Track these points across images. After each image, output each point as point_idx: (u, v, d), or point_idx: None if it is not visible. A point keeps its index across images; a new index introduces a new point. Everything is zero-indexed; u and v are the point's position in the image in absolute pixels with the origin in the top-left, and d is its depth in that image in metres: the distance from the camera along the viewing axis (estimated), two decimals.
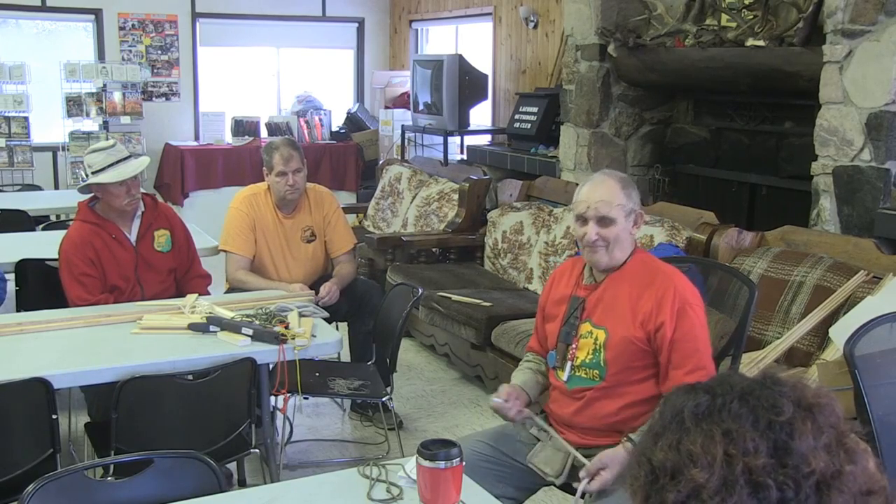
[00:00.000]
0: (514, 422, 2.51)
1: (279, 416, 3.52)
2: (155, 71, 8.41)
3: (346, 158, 8.68)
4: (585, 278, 2.54)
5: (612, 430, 2.43)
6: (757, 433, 0.94)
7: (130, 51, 8.28)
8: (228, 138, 8.47)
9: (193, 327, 3.07)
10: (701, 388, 1.01)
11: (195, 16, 8.51)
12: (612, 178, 2.46)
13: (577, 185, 5.32)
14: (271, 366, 3.11)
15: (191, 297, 3.37)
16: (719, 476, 0.93)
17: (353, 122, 8.91)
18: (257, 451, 3.13)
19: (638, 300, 2.41)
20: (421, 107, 7.41)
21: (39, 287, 3.80)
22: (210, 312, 3.18)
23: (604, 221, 2.40)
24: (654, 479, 0.97)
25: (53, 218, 5.56)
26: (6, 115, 7.67)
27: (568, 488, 2.55)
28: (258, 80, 9.07)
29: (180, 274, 3.72)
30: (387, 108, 8.45)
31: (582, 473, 2.30)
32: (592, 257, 2.47)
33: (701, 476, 0.93)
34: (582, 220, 2.45)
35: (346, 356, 4.18)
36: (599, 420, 2.44)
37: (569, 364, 2.49)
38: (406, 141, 7.80)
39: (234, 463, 3.26)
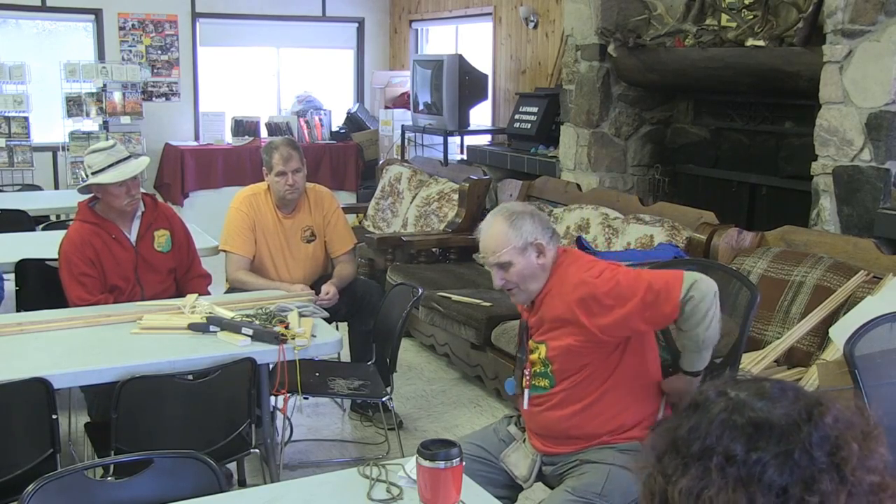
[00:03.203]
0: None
1: (279, 416, 3.52)
2: (155, 71, 8.41)
3: (346, 158, 8.68)
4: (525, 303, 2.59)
5: (566, 437, 2.47)
6: None
7: (130, 51, 8.28)
8: (228, 138, 8.47)
9: (193, 327, 3.07)
10: (740, 419, 0.94)
11: (195, 16, 8.51)
12: (498, 220, 2.44)
13: (577, 185, 5.40)
14: (271, 366, 3.11)
15: (191, 297, 3.37)
16: None
17: (353, 122, 8.91)
18: (257, 451, 3.13)
19: (565, 311, 2.41)
20: (421, 107, 7.41)
21: (39, 287, 3.80)
22: (210, 312, 3.18)
23: (502, 267, 2.42)
24: None
25: (53, 218, 5.56)
26: (6, 115, 7.67)
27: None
28: (258, 80, 9.07)
29: (180, 274, 3.72)
30: (387, 108, 8.45)
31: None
32: (512, 299, 2.54)
33: None
34: (488, 267, 2.49)
35: (346, 356, 4.18)
36: (551, 427, 2.48)
37: (526, 392, 2.52)
38: (406, 141, 7.80)
39: (234, 463, 3.26)
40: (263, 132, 8.45)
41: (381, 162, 7.50)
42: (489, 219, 2.48)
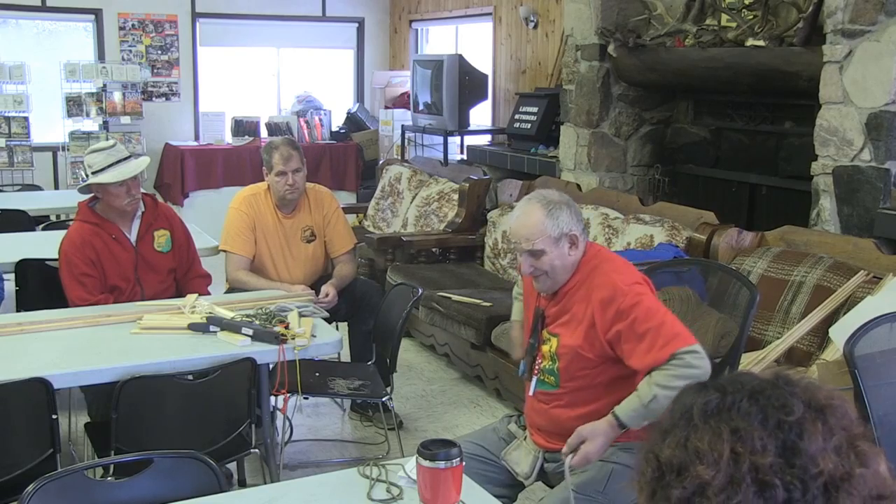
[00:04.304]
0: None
1: (279, 416, 3.52)
2: (155, 71, 8.41)
3: (346, 158, 8.68)
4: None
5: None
6: (765, 432, 0.94)
7: (130, 51, 8.29)
8: (228, 138, 8.47)
9: (193, 327, 3.07)
10: (711, 386, 1.01)
11: (195, 16, 8.51)
12: (535, 207, 2.41)
13: (577, 185, 5.40)
14: (271, 366, 3.11)
15: (191, 297, 3.37)
16: (725, 474, 0.92)
17: (353, 122, 8.91)
18: (257, 451, 3.13)
19: (585, 305, 2.41)
20: (421, 107, 7.41)
21: (39, 287, 3.81)
22: (210, 312, 3.18)
23: (533, 254, 2.40)
24: (660, 476, 0.97)
25: (53, 218, 5.56)
26: (6, 115, 7.67)
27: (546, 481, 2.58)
28: (258, 80, 9.07)
29: (180, 274, 3.72)
30: (387, 108, 8.45)
31: (564, 450, 2.30)
32: (537, 285, 2.50)
33: (707, 473, 0.93)
34: (517, 252, 2.46)
35: (346, 356, 4.18)
36: (560, 424, 2.46)
37: (535, 378, 2.52)
38: (406, 141, 7.80)
39: (234, 463, 3.26)
40: (263, 132, 8.45)
41: (381, 162, 7.50)
42: (524, 204, 2.45)
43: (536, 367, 2.52)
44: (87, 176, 3.52)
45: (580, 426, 2.30)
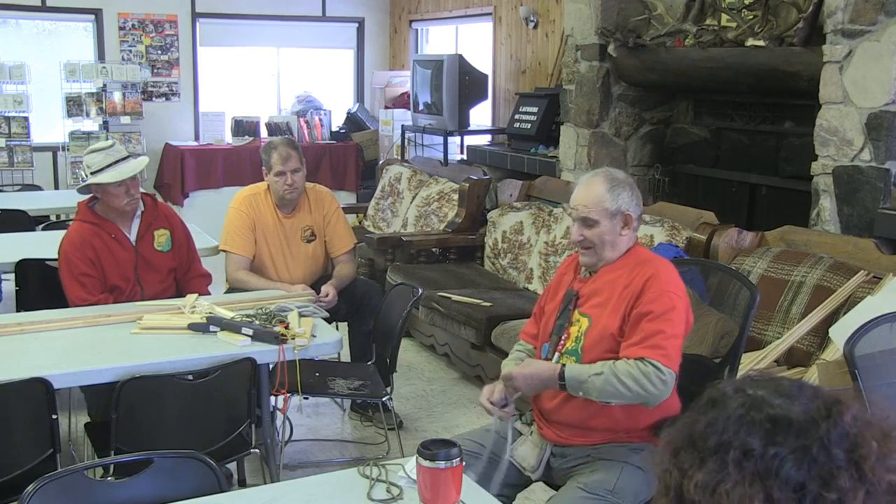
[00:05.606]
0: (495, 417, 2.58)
1: (279, 416, 3.52)
2: (155, 71, 8.41)
3: (346, 158, 8.68)
4: (582, 272, 2.58)
5: (586, 428, 2.45)
6: None
7: (130, 51, 8.29)
8: (228, 138, 8.47)
9: (193, 327, 3.07)
10: (758, 415, 0.93)
11: (195, 16, 8.51)
12: (600, 179, 2.50)
13: (577, 184, 5.39)
14: (271, 366, 3.11)
15: (191, 297, 3.37)
16: None
17: (353, 122, 8.91)
18: (257, 451, 3.13)
19: (624, 289, 2.43)
20: (421, 107, 7.41)
21: (39, 287, 3.81)
22: (210, 312, 3.18)
23: (587, 223, 2.47)
24: None
25: (53, 218, 5.56)
26: (6, 115, 7.67)
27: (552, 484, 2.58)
28: (258, 80, 9.08)
29: (180, 273, 3.72)
30: (387, 108, 8.45)
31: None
32: (582, 258, 2.54)
33: None
34: (572, 219, 2.53)
35: (346, 356, 4.18)
36: (574, 415, 2.45)
37: (557, 355, 2.52)
38: (406, 141, 7.80)
39: (234, 463, 3.26)
40: (263, 132, 8.45)
41: (381, 162, 7.50)
42: (591, 175, 2.54)
43: (560, 347, 2.52)
44: (86, 176, 3.52)
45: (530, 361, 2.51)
